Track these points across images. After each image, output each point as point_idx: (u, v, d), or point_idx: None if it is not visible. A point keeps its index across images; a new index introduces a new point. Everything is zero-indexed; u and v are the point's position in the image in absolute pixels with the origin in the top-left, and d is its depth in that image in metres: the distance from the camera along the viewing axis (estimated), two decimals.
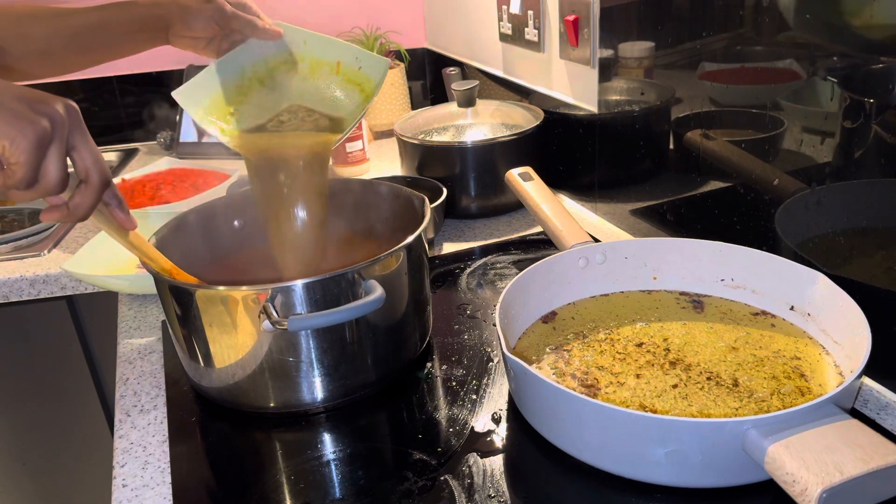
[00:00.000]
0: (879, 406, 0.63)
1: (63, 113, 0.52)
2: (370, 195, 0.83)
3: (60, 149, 0.52)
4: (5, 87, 0.51)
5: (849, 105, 0.62)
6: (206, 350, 0.65)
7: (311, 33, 0.88)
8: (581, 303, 0.76)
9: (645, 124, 0.92)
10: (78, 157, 0.53)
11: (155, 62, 1.58)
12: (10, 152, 0.49)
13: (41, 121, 0.50)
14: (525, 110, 1.13)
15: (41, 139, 0.50)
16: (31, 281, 1.03)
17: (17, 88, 0.51)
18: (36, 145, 0.50)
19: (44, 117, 0.50)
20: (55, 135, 0.51)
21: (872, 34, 0.59)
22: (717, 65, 0.77)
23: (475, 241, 1.02)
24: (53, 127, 0.51)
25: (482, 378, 0.70)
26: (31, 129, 0.49)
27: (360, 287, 0.63)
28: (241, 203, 0.82)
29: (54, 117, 0.51)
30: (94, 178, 0.54)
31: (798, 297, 0.68)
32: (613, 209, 1.02)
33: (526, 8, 1.13)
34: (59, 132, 0.51)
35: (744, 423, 0.49)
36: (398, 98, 1.51)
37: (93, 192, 0.54)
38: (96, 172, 0.54)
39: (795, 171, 0.69)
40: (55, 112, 0.51)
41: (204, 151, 1.50)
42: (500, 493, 0.56)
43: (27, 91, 0.52)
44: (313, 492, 0.58)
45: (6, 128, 0.49)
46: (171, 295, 0.65)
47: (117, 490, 0.61)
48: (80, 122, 0.53)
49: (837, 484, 0.44)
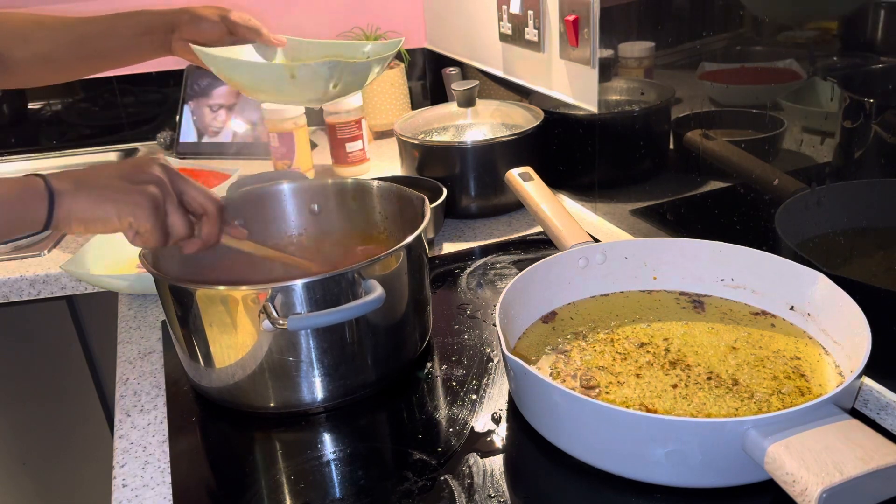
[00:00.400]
0: (879, 406, 0.63)
1: (161, 173, 0.60)
2: (370, 195, 0.83)
3: (174, 203, 0.60)
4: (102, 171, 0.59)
5: (849, 105, 0.62)
6: (206, 350, 0.65)
7: (314, 41, 0.92)
8: (581, 303, 0.76)
9: (645, 124, 0.92)
10: (190, 199, 0.62)
11: (155, 62, 1.58)
12: (137, 225, 0.57)
13: (148, 189, 0.58)
14: (525, 110, 1.13)
15: (156, 204, 0.58)
16: (31, 281, 1.03)
17: (110, 169, 0.59)
18: (154, 211, 0.58)
19: (149, 185, 0.58)
20: (164, 195, 0.59)
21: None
22: (717, 65, 0.77)
23: (475, 241, 1.02)
24: (160, 189, 0.59)
25: (482, 378, 0.70)
26: (144, 200, 0.57)
27: (360, 287, 0.63)
28: (241, 203, 0.82)
29: (157, 181, 0.59)
30: (210, 209, 0.62)
31: (798, 297, 0.68)
32: (613, 209, 1.02)
33: (526, 8, 1.13)
34: (166, 191, 0.59)
35: (744, 423, 0.49)
36: (398, 98, 1.51)
37: (214, 220, 0.63)
38: (210, 204, 0.62)
39: (795, 171, 0.69)
40: (154, 176, 0.59)
41: (204, 151, 1.50)
42: (500, 493, 0.56)
43: (120, 167, 0.59)
44: (313, 492, 0.58)
45: (125, 207, 0.57)
46: (171, 295, 0.65)
47: (117, 490, 0.61)
48: (175, 171, 0.62)
49: (837, 484, 0.44)
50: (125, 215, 0.56)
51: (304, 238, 0.85)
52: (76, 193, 0.56)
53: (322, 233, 0.85)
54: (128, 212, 0.56)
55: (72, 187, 0.56)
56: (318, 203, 0.84)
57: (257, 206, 0.83)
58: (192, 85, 1.54)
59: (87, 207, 0.56)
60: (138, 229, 0.58)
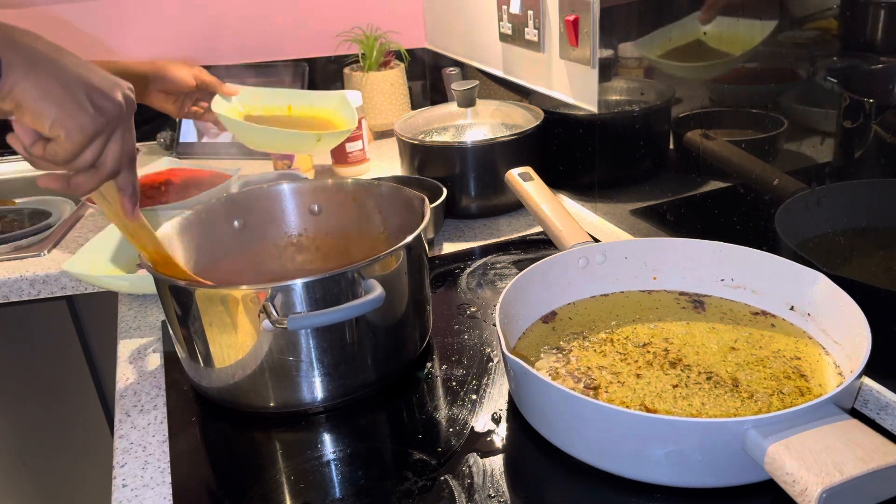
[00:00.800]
0: (879, 406, 0.63)
1: (123, 109, 0.54)
2: (370, 195, 0.83)
3: (104, 141, 0.54)
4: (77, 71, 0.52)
5: (849, 105, 0.62)
6: (206, 350, 0.65)
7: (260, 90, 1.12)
8: (581, 303, 0.76)
9: (645, 124, 0.92)
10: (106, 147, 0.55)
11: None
12: (61, 142, 0.51)
13: (99, 119, 0.52)
14: (525, 110, 1.13)
15: (93, 136, 0.52)
16: (31, 281, 1.03)
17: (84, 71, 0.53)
18: (86, 141, 0.52)
19: (102, 115, 0.52)
20: (105, 131, 0.53)
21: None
22: None
23: (475, 241, 1.02)
24: (107, 124, 0.53)
25: (482, 378, 0.70)
26: (91, 126, 0.52)
27: (360, 286, 0.63)
28: (241, 203, 0.82)
29: (113, 113, 0.53)
30: (105, 168, 0.55)
31: (798, 297, 0.68)
32: (613, 209, 1.02)
33: (526, 8, 1.13)
34: (109, 129, 0.53)
35: (744, 423, 0.49)
36: (398, 98, 1.51)
37: (96, 178, 0.56)
38: (110, 165, 0.55)
39: (795, 171, 0.69)
40: (116, 108, 0.53)
41: (204, 151, 1.50)
42: (500, 493, 0.55)
43: (93, 76, 0.53)
44: (313, 492, 0.58)
45: (67, 120, 0.50)
46: (171, 295, 0.65)
47: (117, 490, 0.61)
48: (131, 114, 0.56)
49: (837, 484, 0.44)
50: (58, 126, 0.50)
51: (304, 238, 0.85)
52: (29, 72, 0.49)
53: (322, 233, 0.85)
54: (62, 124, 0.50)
55: (30, 64, 0.50)
56: (318, 203, 0.84)
57: (257, 206, 0.83)
58: None
59: (33, 95, 0.49)
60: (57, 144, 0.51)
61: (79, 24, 1.52)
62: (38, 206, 1.25)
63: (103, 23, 1.53)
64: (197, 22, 1.57)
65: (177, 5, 1.55)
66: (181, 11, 1.56)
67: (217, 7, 1.57)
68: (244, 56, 1.60)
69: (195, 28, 1.57)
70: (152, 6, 1.54)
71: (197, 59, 1.57)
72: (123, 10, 1.53)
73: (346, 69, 1.52)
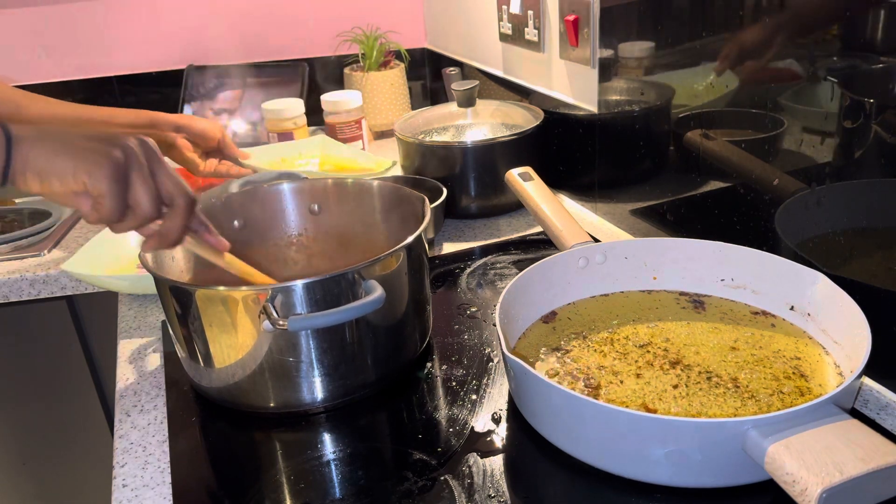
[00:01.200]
0: (879, 406, 0.63)
1: (136, 143, 0.55)
2: (370, 195, 0.83)
3: (142, 176, 0.54)
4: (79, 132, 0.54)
5: (849, 105, 0.62)
6: (206, 350, 0.65)
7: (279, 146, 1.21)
8: (581, 303, 0.76)
9: (645, 124, 0.92)
10: (159, 184, 0.56)
11: (155, 62, 1.58)
12: (91, 186, 0.52)
13: (114, 152, 0.52)
14: (525, 110, 1.13)
15: (117, 168, 0.52)
16: (31, 281, 1.03)
17: (86, 131, 0.54)
18: (114, 175, 0.52)
19: (116, 149, 0.53)
20: (131, 163, 0.54)
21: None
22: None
23: (475, 241, 1.02)
24: (127, 156, 0.53)
25: (482, 378, 0.70)
26: (106, 161, 0.52)
27: (360, 287, 0.63)
28: (241, 203, 0.82)
29: (126, 149, 0.54)
30: (178, 201, 0.57)
31: (798, 297, 0.68)
32: (613, 209, 1.02)
33: (526, 8, 1.13)
34: (134, 160, 0.54)
35: (744, 423, 0.49)
36: (398, 98, 1.51)
37: (180, 214, 0.57)
38: (180, 195, 0.57)
39: (795, 171, 0.69)
40: (126, 145, 0.54)
41: None
42: (500, 493, 0.56)
43: (97, 132, 0.54)
44: (313, 492, 0.58)
45: (83, 163, 0.51)
46: (171, 295, 0.65)
47: (117, 490, 0.61)
48: (154, 151, 0.56)
49: (837, 484, 0.44)
50: (81, 173, 0.51)
51: (304, 238, 0.85)
52: (35, 142, 0.51)
53: (322, 233, 0.85)
54: (84, 169, 0.51)
55: (33, 135, 0.52)
56: (318, 203, 0.84)
57: (257, 206, 0.83)
58: (193, 85, 1.54)
59: (45, 158, 0.51)
60: (94, 192, 0.52)
61: (79, 24, 1.52)
62: (38, 206, 1.25)
63: (103, 22, 1.53)
64: (197, 21, 1.57)
65: (177, 5, 1.55)
66: (181, 11, 1.56)
67: (217, 6, 1.57)
68: (244, 56, 1.60)
69: (195, 27, 1.57)
70: (152, 5, 1.54)
71: (197, 59, 1.57)
72: (123, 10, 1.53)
73: (346, 69, 1.52)
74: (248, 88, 1.52)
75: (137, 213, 0.55)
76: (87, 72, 1.56)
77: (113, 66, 1.56)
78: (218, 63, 1.56)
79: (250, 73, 1.53)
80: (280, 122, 1.32)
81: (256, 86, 1.52)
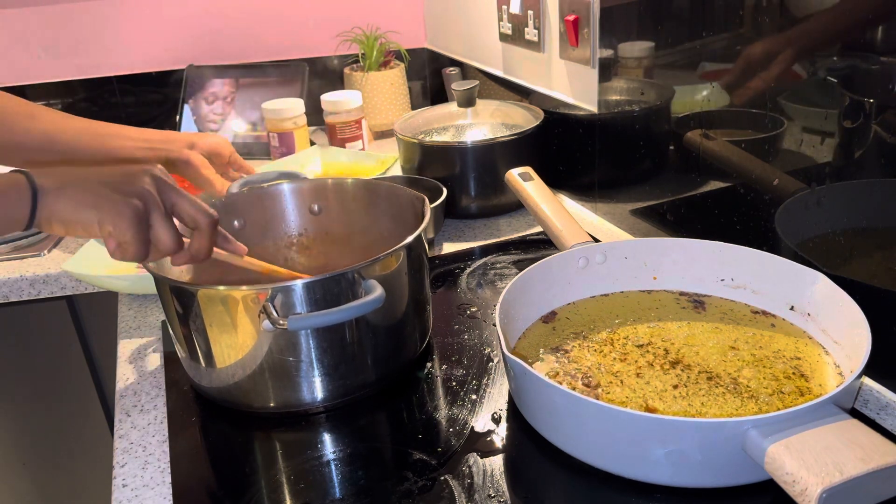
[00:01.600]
0: (879, 406, 0.63)
1: (150, 184, 0.57)
2: (370, 195, 0.83)
3: (161, 215, 0.57)
4: (90, 175, 0.57)
5: (849, 105, 0.62)
6: (206, 350, 0.65)
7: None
8: (581, 303, 0.76)
9: (645, 124, 0.92)
10: (181, 211, 0.59)
11: (155, 62, 1.59)
12: (116, 234, 0.55)
13: (132, 200, 0.55)
14: (525, 110, 1.13)
15: (138, 215, 0.55)
16: (31, 281, 1.03)
17: (99, 174, 0.57)
18: (136, 222, 0.55)
19: (133, 196, 0.56)
20: (149, 206, 0.56)
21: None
22: (717, 65, 0.77)
23: (475, 241, 1.02)
24: (145, 200, 0.56)
25: (482, 378, 0.70)
26: (127, 209, 0.55)
27: (360, 287, 0.63)
28: (241, 203, 0.82)
29: (143, 192, 0.56)
30: (202, 223, 0.60)
31: (798, 297, 0.68)
32: (613, 209, 1.02)
33: (526, 8, 1.13)
34: (152, 202, 0.57)
35: (744, 423, 0.49)
36: (398, 98, 1.51)
37: (206, 234, 0.60)
38: (202, 217, 0.60)
39: (795, 171, 0.69)
40: (142, 188, 0.57)
41: None
42: (500, 493, 0.56)
43: (110, 174, 0.57)
44: (313, 492, 0.58)
45: (105, 215, 0.55)
46: (171, 295, 0.65)
47: (117, 490, 0.61)
48: (167, 182, 0.59)
49: (837, 484, 0.44)
50: (105, 223, 0.55)
51: (304, 238, 0.85)
52: (59, 194, 0.55)
53: (322, 233, 0.85)
54: (108, 220, 0.55)
55: (56, 186, 0.55)
56: (318, 203, 0.84)
57: (257, 206, 0.83)
58: (193, 85, 1.54)
59: (69, 210, 0.55)
60: (119, 239, 0.56)
61: (78, 24, 1.52)
62: None
63: (103, 22, 1.53)
64: (197, 21, 1.57)
65: (177, 4, 1.55)
66: (181, 10, 1.56)
67: (217, 6, 1.57)
68: (244, 56, 1.60)
69: (195, 27, 1.57)
70: (152, 5, 1.54)
71: (197, 59, 1.57)
72: (122, 10, 1.53)
73: (346, 69, 1.52)
74: (247, 88, 1.52)
75: (160, 249, 0.58)
76: (87, 72, 1.56)
77: (113, 66, 1.57)
78: (218, 63, 1.56)
79: (250, 73, 1.53)
80: (280, 122, 1.32)
81: (256, 86, 1.52)
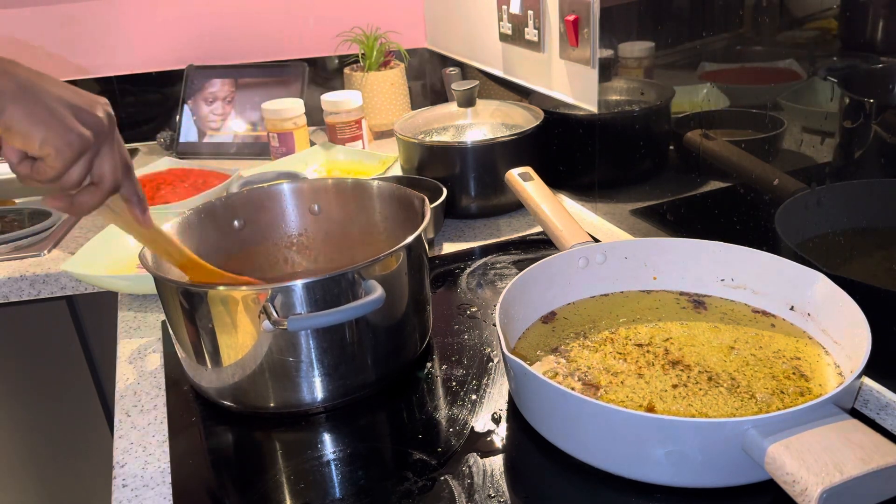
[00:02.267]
0: (879, 406, 0.63)
1: (106, 123, 0.55)
2: (370, 195, 0.83)
3: (111, 150, 0.55)
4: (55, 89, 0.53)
5: (849, 105, 0.62)
6: (206, 350, 0.65)
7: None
8: (581, 303, 0.76)
9: (645, 124, 0.92)
10: (99, 162, 0.55)
11: (155, 62, 1.59)
12: (50, 161, 0.52)
13: (86, 133, 0.52)
14: (525, 110, 1.13)
15: (80, 152, 0.53)
16: (31, 281, 1.03)
17: (65, 91, 0.53)
18: (75, 158, 0.52)
19: (89, 129, 0.53)
20: (93, 146, 0.54)
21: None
22: (717, 65, 0.77)
23: (475, 241, 1.02)
24: (95, 139, 0.53)
25: (482, 378, 0.70)
26: (78, 142, 0.52)
27: (360, 287, 0.63)
28: (241, 203, 0.82)
29: (97, 129, 0.54)
30: (105, 184, 0.56)
31: (798, 297, 0.68)
32: (613, 209, 1.02)
33: (526, 8, 1.13)
34: (97, 144, 0.54)
35: (744, 423, 0.49)
36: (398, 98, 1.51)
37: (100, 195, 0.56)
38: (110, 179, 0.56)
39: (795, 171, 0.69)
40: (99, 123, 0.54)
41: (204, 151, 1.50)
42: (500, 493, 0.56)
43: (73, 95, 0.54)
44: (313, 492, 0.58)
45: (54, 138, 0.51)
46: (171, 295, 0.65)
47: (117, 490, 0.61)
48: (114, 128, 0.56)
49: (837, 484, 0.44)
50: (47, 145, 0.51)
51: (304, 238, 0.85)
52: (16, 99, 0.50)
53: (322, 233, 0.85)
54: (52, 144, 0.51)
55: (15, 90, 0.51)
56: (318, 203, 0.84)
57: (257, 206, 0.83)
58: (193, 85, 1.54)
59: (20, 118, 0.50)
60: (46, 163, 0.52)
61: (79, 24, 1.52)
62: (38, 206, 1.25)
63: (103, 22, 1.53)
64: (197, 21, 1.57)
65: (177, 4, 1.55)
66: (181, 11, 1.56)
67: (217, 6, 1.57)
68: (244, 56, 1.60)
69: (195, 27, 1.57)
70: (152, 6, 1.54)
71: (197, 59, 1.57)
72: (123, 10, 1.53)
73: (346, 69, 1.52)
74: (247, 88, 1.52)
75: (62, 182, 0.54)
76: (87, 72, 1.56)
77: (113, 66, 1.57)
78: (218, 63, 1.56)
79: (250, 73, 1.53)
80: (280, 122, 1.32)
81: (256, 86, 1.52)
